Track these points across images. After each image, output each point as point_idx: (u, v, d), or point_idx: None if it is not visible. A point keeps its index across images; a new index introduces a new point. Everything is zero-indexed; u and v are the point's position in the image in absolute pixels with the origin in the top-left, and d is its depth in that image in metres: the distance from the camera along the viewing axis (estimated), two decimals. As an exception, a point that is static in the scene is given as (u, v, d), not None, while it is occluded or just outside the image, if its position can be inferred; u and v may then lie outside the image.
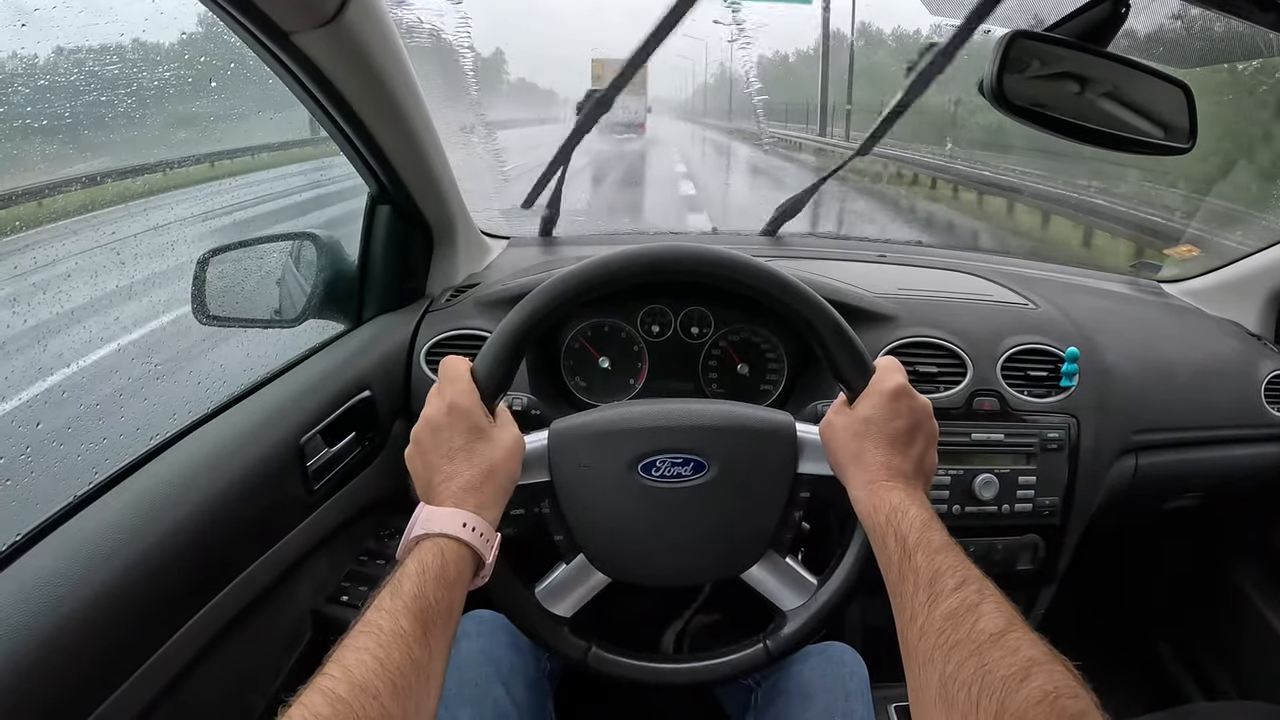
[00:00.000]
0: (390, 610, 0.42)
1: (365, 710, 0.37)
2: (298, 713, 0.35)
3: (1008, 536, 0.89)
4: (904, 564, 0.46)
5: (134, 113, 0.92)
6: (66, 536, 0.52)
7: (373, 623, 0.41)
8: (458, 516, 0.49)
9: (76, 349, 0.90)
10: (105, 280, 0.93)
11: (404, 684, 0.39)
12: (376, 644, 0.40)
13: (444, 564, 0.46)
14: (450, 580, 0.46)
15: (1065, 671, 0.37)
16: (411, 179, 0.85)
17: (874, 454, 0.53)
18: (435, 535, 0.47)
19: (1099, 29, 0.66)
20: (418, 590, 0.44)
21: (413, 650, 0.41)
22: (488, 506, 0.51)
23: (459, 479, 0.51)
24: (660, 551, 0.60)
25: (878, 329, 0.89)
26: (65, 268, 0.85)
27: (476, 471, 0.52)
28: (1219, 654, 1.18)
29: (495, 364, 0.56)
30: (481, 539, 0.49)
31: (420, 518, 0.49)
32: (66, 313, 0.83)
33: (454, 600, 0.46)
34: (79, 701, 0.47)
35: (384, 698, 0.38)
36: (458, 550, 0.47)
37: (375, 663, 0.39)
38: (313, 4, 0.58)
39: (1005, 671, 0.37)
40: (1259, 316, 1.11)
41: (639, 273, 0.59)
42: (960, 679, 0.38)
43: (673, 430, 0.59)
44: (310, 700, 0.36)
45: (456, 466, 0.52)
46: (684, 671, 0.61)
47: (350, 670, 0.38)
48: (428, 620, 0.43)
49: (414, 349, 0.88)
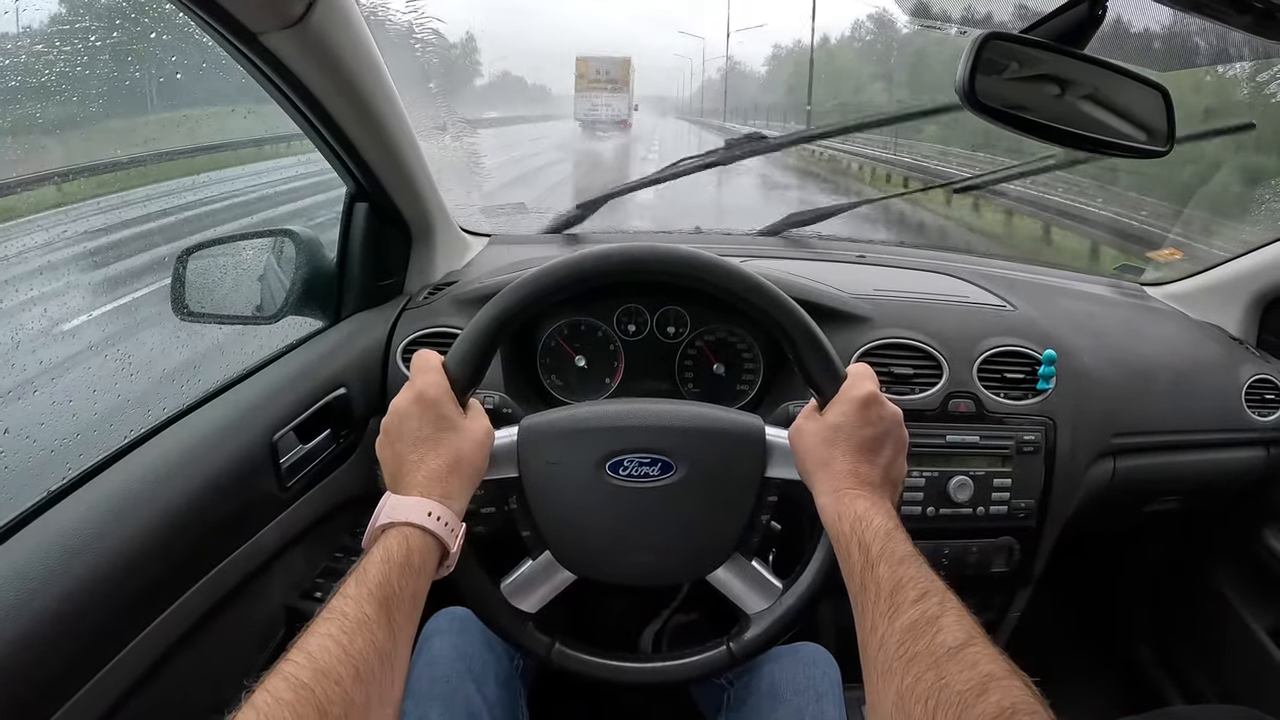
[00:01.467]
0: (355, 597, 0.43)
1: (328, 695, 0.37)
2: (260, 697, 0.36)
3: (983, 539, 0.89)
4: (866, 574, 0.46)
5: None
6: (38, 532, 0.52)
7: (337, 609, 0.42)
8: (423, 506, 0.49)
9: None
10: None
11: (367, 670, 0.40)
12: (340, 630, 0.40)
13: (409, 552, 0.46)
14: (415, 569, 0.46)
15: (1023, 687, 0.37)
16: (387, 177, 0.85)
17: (842, 461, 0.53)
18: (400, 524, 0.48)
19: (1075, 31, 0.66)
20: (382, 578, 0.44)
21: (376, 637, 0.41)
22: (453, 496, 0.51)
23: (425, 468, 0.51)
24: (626, 550, 0.60)
25: (852, 330, 0.89)
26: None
27: (443, 461, 0.52)
28: (1199, 657, 1.18)
29: (467, 358, 0.56)
30: (446, 528, 0.49)
31: (386, 507, 0.49)
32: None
33: (418, 588, 0.47)
34: (49, 696, 0.48)
35: (347, 683, 0.38)
36: (423, 539, 0.48)
37: (339, 649, 0.39)
38: (279, 5, 0.58)
39: (962, 686, 0.37)
40: (1241, 320, 1.11)
41: (611, 272, 0.59)
42: (917, 692, 0.38)
43: (642, 430, 0.59)
44: (273, 685, 0.37)
45: (423, 455, 0.52)
46: (647, 671, 0.62)
47: (314, 656, 0.39)
48: (392, 607, 0.43)
49: (390, 346, 0.88)
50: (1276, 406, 1.02)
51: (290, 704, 0.36)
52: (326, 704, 0.37)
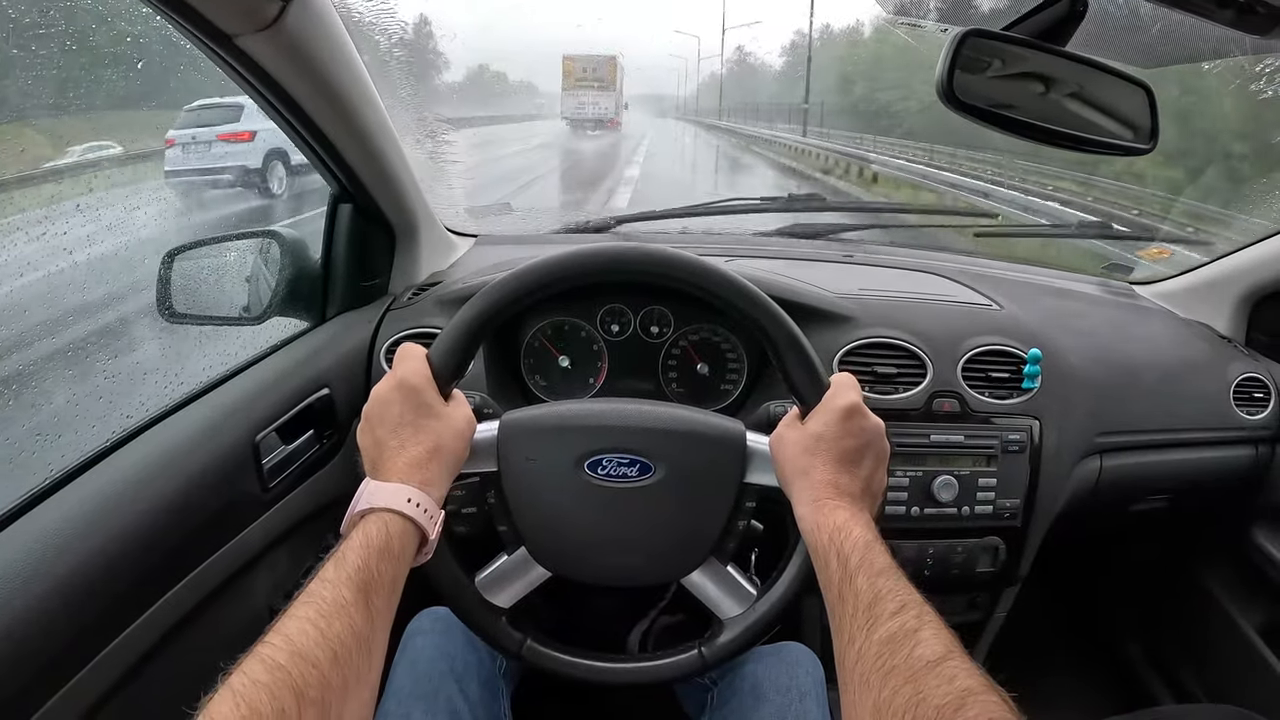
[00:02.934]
0: (333, 581, 0.43)
1: (304, 677, 0.37)
2: (237, 679, 0.36)
3: (968, 539, 0.88)
4: (845, 586, 0.46)
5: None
6: (19, 532, 0.52)
7: (315, 593, 0.42)
8: (402, 492, 0.49)
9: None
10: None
11: (344, 653, 0.40)
12: (318, 614, 0.41)
13: (388, 538, 0.46)
14: (394, 554, 0.46)
15: (1000, 703, 0.37)
16: (370, 179, 0.85)
17: (821, 471, 0.53)
18: (380, 510, 0.48)
19: (1057, 27, 0.65)
20: (361, 562, 0.44)
21: (354, 621, 0.41)
22: (433, 483, 0.51)
23: (405, 454, 0.52)
24: (601, 549, 0.61)
25: (836, 329, 0.88)
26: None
27: (423, 448, 0.52)
28: (1188, 656, 1.18)
29: (451, 351, 0.57)
30: (426, 515, 0.49)
31: (366, 492, 0.50)
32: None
33: (397, 574, 0.47)
34: (30, 695, 0.48)
35: (323, 666, 0.38)
36: (401, 525, 0.48)
37: (316, 632, 0.40)
38: (253, 8, 0.58)
39: (940, 700, 0.37)
40: (1230, 318, 1.11)
41: (594, 272, 0.59)
42: (894, 706, 0.38)
43: (621, 430, 0.59)
44: (250, 667, 0.37)
45: (404, 441, 0.52)
46: (619, 671, 0.62)
47: (291, 639, 0.39)
48: (370, 592, 0.43)
49: (374, 347, 0.89)
50: (1265, 405, 1.02)
51: (267, 685, 0.36)
52: (303, 686, 0.37)
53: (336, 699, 0.38)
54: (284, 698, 0.36)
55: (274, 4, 0.59)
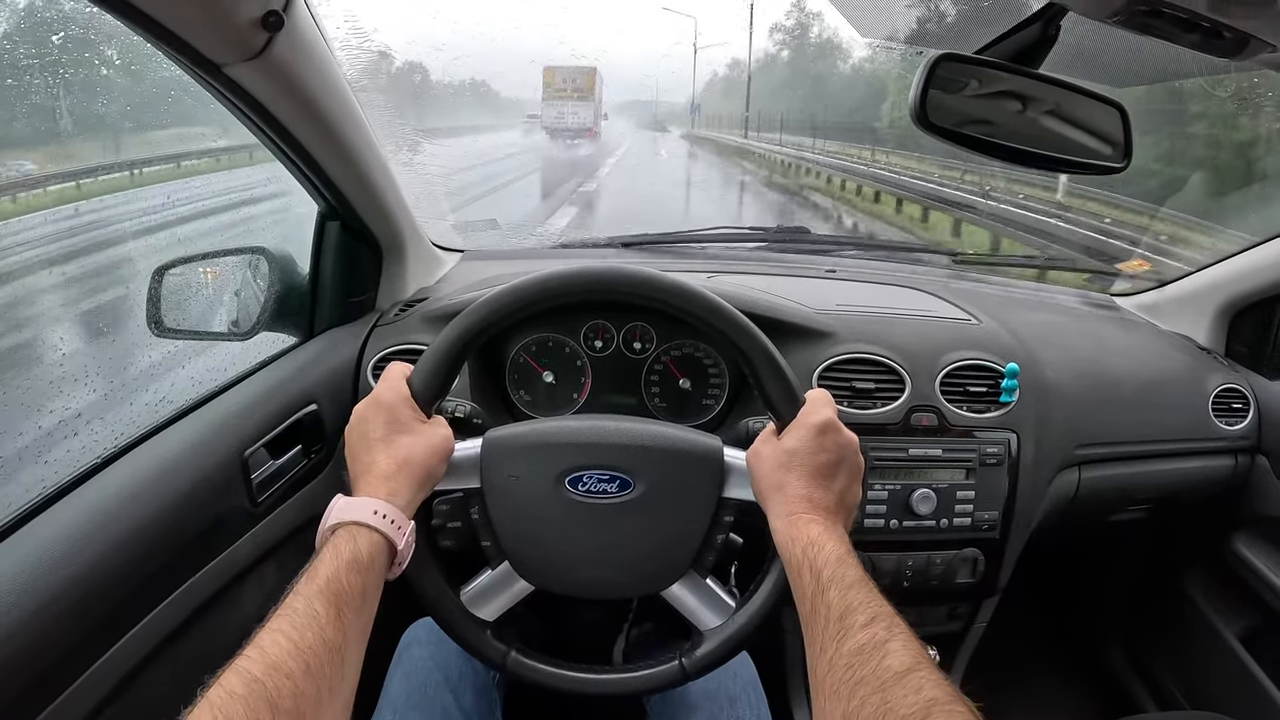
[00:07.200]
0: (305, 594, 0.44)
1: (278, 688, 0.38)
2: (215, 692, 0.37)
3: (947, 551, 0.90)
4: (817, 598, 0.47)
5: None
6: (9, 550, 0.53)
7: (289, 606, 0.43)
8: (369, 504, 0.50)
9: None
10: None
11: (317, 665, 0.41)
12: (291, 626, 0.42)
13: (356, 549, 0.48)
14: (364, 565, 0.48)
15: (967, 713, 0.38)
16: (356, 198, 0.86)
17: (796, 486, 0.54)
18: (348, 523, 0.49)
19: (1029, 51, 0.67)
20: (331, 574, 0.45)
21: (326, 632, 0.43)
22: (399, 494, 0.53)
23: (376, 468, 0.53)
24: (582, 564, 0.62)
25: (815, 345, 0.89)
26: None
27: (392, 461, 0.54)
28: (1170, 663, 1.19)
29: (432, 373, 0.58)
30: (392, 525, 0.51)
31: (335, 508, 0.51)
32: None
33: (367, 584, 0.48)
34: (21, 709, 0.49)
35: (297, 677, 0.40)
36: (370, 536, 0.49)
37: (289, 644, 0.41)
38: (241, 39, 0.59)
39: (906, 710, 0.38)
40: (1210, 330, 1.12)
41: (575, 292, 0.60)
42: (862, 716, 0.39)
43: (601, 447, 0.61)
44: (227, 680, 0.38)
45: (374, 456, 0.54)
46: (601, 682, 0.63)
47: (266, 651, 0.40)
48: (341, 604, 0.45)
49: (361, 363, 0.90)
50: (1244, 415, 1.03)
51: (243, 698, 0.37)
52: (277, 697, 0.38)
53: (310, 709, 0.40)
54: (259, 709, 0.37)
55: (261, 35, 0.60)
